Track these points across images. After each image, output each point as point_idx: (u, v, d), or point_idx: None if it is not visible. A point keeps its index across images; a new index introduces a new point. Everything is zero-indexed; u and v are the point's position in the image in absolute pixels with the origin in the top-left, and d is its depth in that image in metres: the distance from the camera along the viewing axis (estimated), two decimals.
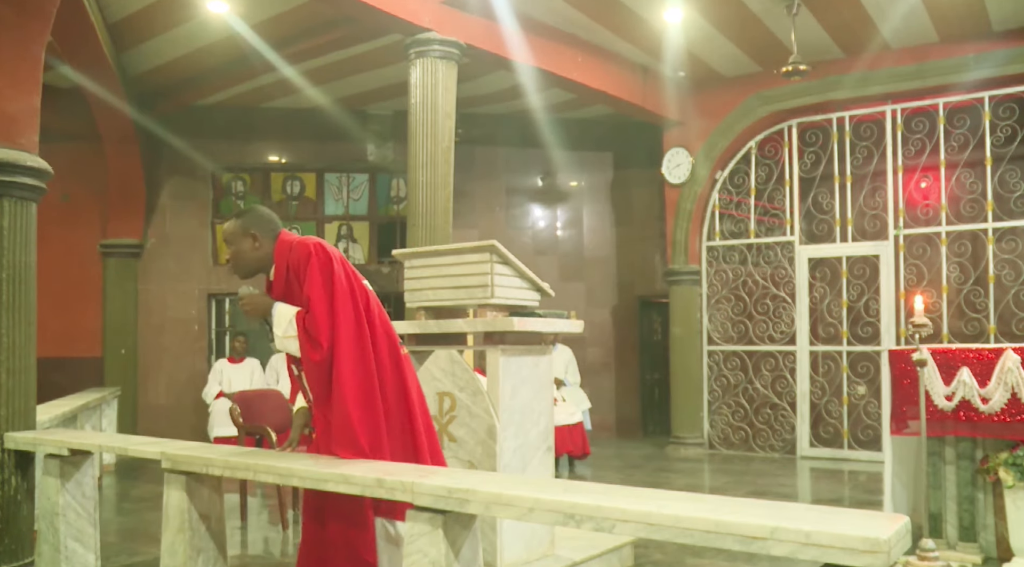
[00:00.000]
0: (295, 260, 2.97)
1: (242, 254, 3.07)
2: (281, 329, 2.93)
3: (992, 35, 8.01)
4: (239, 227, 3.07)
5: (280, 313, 2.96)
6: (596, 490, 2.33)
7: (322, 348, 2.86)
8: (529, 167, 11.17)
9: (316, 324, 2.87)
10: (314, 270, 2.91)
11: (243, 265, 3.09)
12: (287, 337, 2.93)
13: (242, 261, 3.08)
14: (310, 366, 2.90)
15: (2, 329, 4.18)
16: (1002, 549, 4.32)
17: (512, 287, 4.06)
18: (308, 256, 2.93)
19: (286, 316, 2.94)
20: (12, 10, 4.23)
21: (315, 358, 2.86)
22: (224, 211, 10.40)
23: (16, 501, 4.16)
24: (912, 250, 8.65)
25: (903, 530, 1.91)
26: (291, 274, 2.99)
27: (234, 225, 3.08)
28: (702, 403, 9.57)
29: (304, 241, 3.00)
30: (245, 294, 3.07)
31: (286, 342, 2.94)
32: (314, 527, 2.96)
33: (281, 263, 3.03)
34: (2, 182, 4.18)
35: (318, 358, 2.86)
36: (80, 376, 9.31)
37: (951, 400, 4.33)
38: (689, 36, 8.16)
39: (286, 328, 2.92)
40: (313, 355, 2.87)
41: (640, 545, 4.71)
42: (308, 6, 7.24)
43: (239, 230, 3.07)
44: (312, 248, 2.94)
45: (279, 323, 2.95)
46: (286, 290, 3.01)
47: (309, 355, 2.88)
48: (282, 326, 2.93)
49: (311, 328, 2.87)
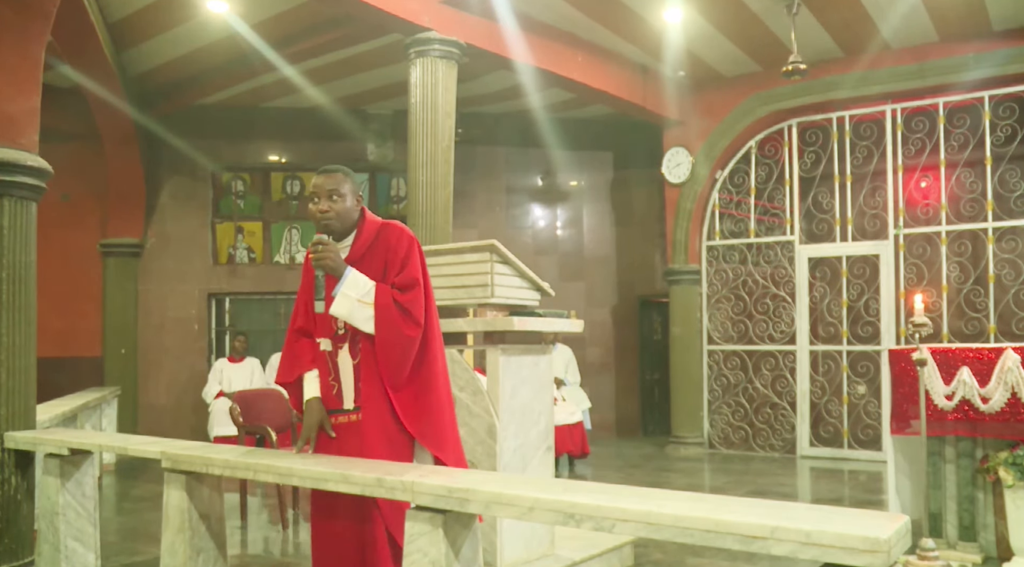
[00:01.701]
0: (394, 239, 2.94)
1: (348, 211, 2.95)
2: (358, 293, 2.86)
3: (992, 35, 8.01)
4: (350, 182, 2.97)
5: (356, 277, 2.89)
6: (596, 490, 2.33)
7: (420, 326, 2.86)
8: (529, 167, 11.17)
9: (418, 304, 2.87)
10: (416, 255, 2.94)
11: (344, 221, 2.95)
12: (362, 302, 2.86)
13: (345, 217, 2.95)
14: (399, 340, 2.84)
15: (2, 329, 4.18)
16: (1002, 548, 4.32)
17: (512, 287, 4.06)
18: (412, 241, 2.96)
19: (365, 283, 2.88)
20: (12, 10, 4.23)
21: (412, 334, 2.84)
22: (224, 211, 10.40)
23: (16, 501, 4.16)
24: (912, 250, 8.65)
25: (903, 530, 1.91)
26: (381, 250, 2.94)
27: (344, 178, 2.95)
28: (702, 403, 9.57)
29: (403, 226, 3.00)
30: (327, 240, 2.93)
31: (357, 307, 2.86)
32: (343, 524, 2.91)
33: (369, 235, 2.98)
34: (2, 182, 4.18)
35: (415, 334, 2.84)
36: (80, 376, 9.31)
37: (951, 400, 4.33)
38: (689, 36, 8.16)
39: (364, 294, 2.86)
40: (410, 331, 2.84)
41: (640, 545, 4.71)
42: (308, 6, 7.24)
43: (350, 185, 2.97)
44: (413, 236, 2.99)
45: (355, 286, 2.87)
46: (363, 263, 2.95)
47: (403, 329, 2.84)
48: (359, 290, 2.87)
49: (410, 306, 2.86)
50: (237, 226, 10.41)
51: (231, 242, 10.38)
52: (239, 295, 10.56)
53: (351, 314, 2.87)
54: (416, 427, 2.89)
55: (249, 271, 10.35)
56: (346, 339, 2.95)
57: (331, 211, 2.92)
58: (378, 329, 2.85)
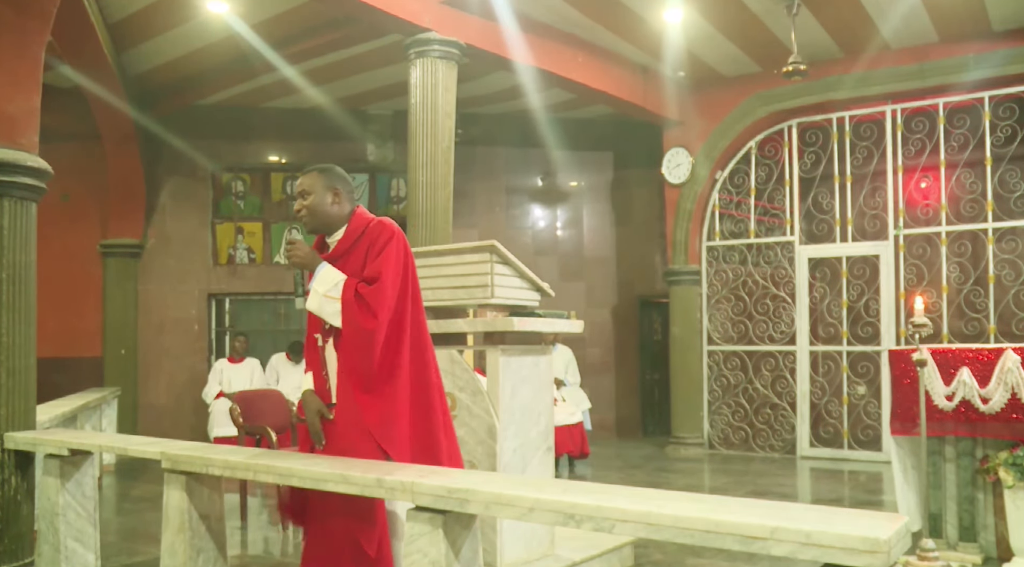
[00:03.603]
0: (376, 234, 2.98)
1: (320, 206, 3.03)
2: (325, 287, 2.91)
3: (992, 35, 8.01)
4: (323, 179, 3.05)
5: (327, 272, 2.95)
6: (596, 490, 2.33)
7: (376, 319, 2.86)
8: (529, 167, 11.17)
9: (378, 297, 2.87)
10: (393, 250, 2.94)
11: (317, 217, 3.04)
12: (329, 297, 2.91)
13: (318, 213, 3.03)
14: (358, 334, 2.86)
15: (2, 329, 4.18)
16: (1002, 549, 4.32)
17: (512, 287, 4.06)
18: (392, 236, 2.97)
19: (333, 278, 2.93)
20: (12, 10, 4.23)
21: (368, 326, 2.85)
22: (224, 211, 10.40)
23: (16, 501, 4.16)
24: (912, 250, 8.65)
25: (903, 530, 1.91)
26: (364, 246, 2.98)
27: (317, 176, 3.05)
28: (702, 403, 9.56)
29: (390, 223, 3.03)
30: (297, 239, 3.03)
31: (325, 302, 2.92)
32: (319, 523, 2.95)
33: (355, 231, 3.02)
34: (2, 182, 4.18)
35: (370, 326, 2.85)
36: (80, 376, 9.31)
37: (951, 400, 4.33)
38: (689, 36, 8.16)
39: (330, 289, 2.91)
40: (366, 323, 2.85)
41: (640, 545, 4.71)
42: (308, 6, 7.24)
43: (322, 182, 3.05)
44: (396, 232, 2.99)
45: (323, 281, 2.93)
46: (345, 259, 3.00)
47: (360, 322, 2.85)
48: (326, 285, 2.92)
49: (371, 298, 2.86)
50: (237, 226, 10.41)
51: (231, 242, 10.38)
52: (239, 295, 10.56)
53: (320, 309, 2.95)
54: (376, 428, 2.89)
55: (249, 271, 10.35)
56: (332, 334, 3.01)
57: (302, 208, 3.05)
58: (343, 323, 2.91)
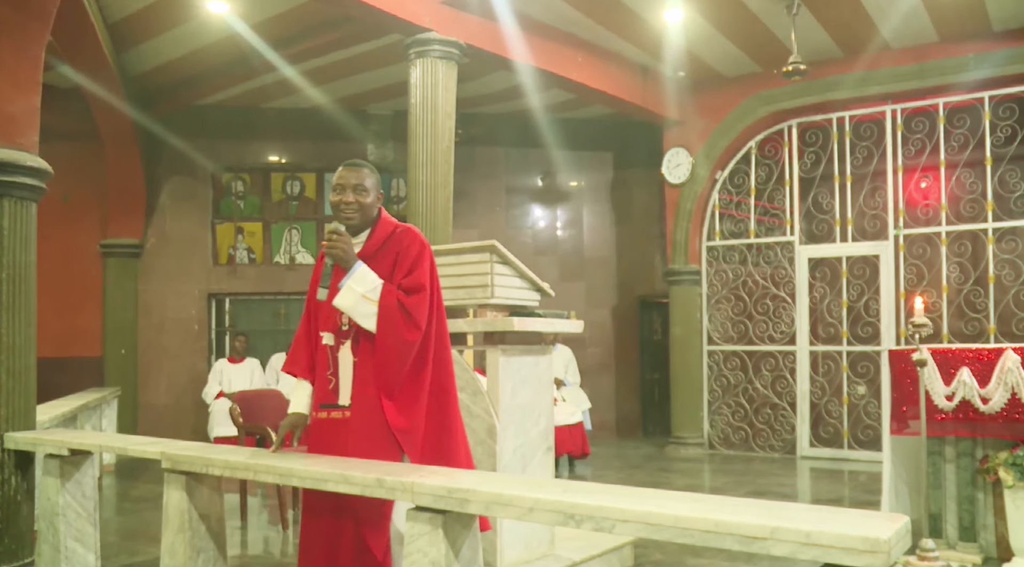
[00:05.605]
0: (407, 242, 2.95)
1: (372, 206, 2.98)
2: (364, 288, 2.85)
3: (992, 35, 8.01)
4: (375, 178, 3.00)
5: (365, 273, 2.88)
6: (596, 490, 2.33)
7: (420, 331, 2.84)
8: (529, 167, 11.17)
9: (421, 309, 2.85)
10: (427, 261, 2.94)
11: (366, 215, 2.98)
12: (367, 298, 2.85)
13: (366, 212, 2.97)
14: (399, 343, 2.83)
15: (2, 329, 4.18)
16: (1002, 549, 4.32)
17: (512, 287, 4.06)
18: (424, 246, 2.95)
19: (372, 280, 2.87)
20: (12, 10, 4.23)
21: (411, 338, 2.83)
22: (224, 211, 10.41)
23: (16, 501, 4.16)
24: (912, 250, 8.65)
25: (903, 530, 1.91)
26: (392, 251, 2.94)
27: (370, 174, 2.98)
28: (702, 403, 9.56)
29: (417, 231, 3.01)
30: (343, 231, 2.92)
31: (361, 302, 2.85)
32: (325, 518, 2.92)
33: (382, 234, 2.98)
34: (2, 182, 4.18)
35: (414, 338, 2.83)
36: (80, 376, 9.31)
37: (951, 400, 4.33)
38: (689, 36, 8.16)
39: (369, 291, 2.85)
40: (410, 334, 2.83)
41: (640, 545, 4.71)
42: (308, 6, 7.24)
43: (374, 181, 3.00)
44: (425, 241, 2.98)
45: (362, 281, 2.86)
46: (373, 261, 2.95)
47: (403, 332, 2.82)
48: (366, 286, 2.85)
49: (415, 310, 2.84)
50: (237, 226, 10.41)
51: (231, 242, 10.38)
52: (239, 295, 10.56)
53: (354, 308, 2.87)
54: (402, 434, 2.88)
55: (249, 271, 10.35)
56: (349, 336, 2.95)
57: (355, 203, 2.95)
58: (379, 328, 2.85)
